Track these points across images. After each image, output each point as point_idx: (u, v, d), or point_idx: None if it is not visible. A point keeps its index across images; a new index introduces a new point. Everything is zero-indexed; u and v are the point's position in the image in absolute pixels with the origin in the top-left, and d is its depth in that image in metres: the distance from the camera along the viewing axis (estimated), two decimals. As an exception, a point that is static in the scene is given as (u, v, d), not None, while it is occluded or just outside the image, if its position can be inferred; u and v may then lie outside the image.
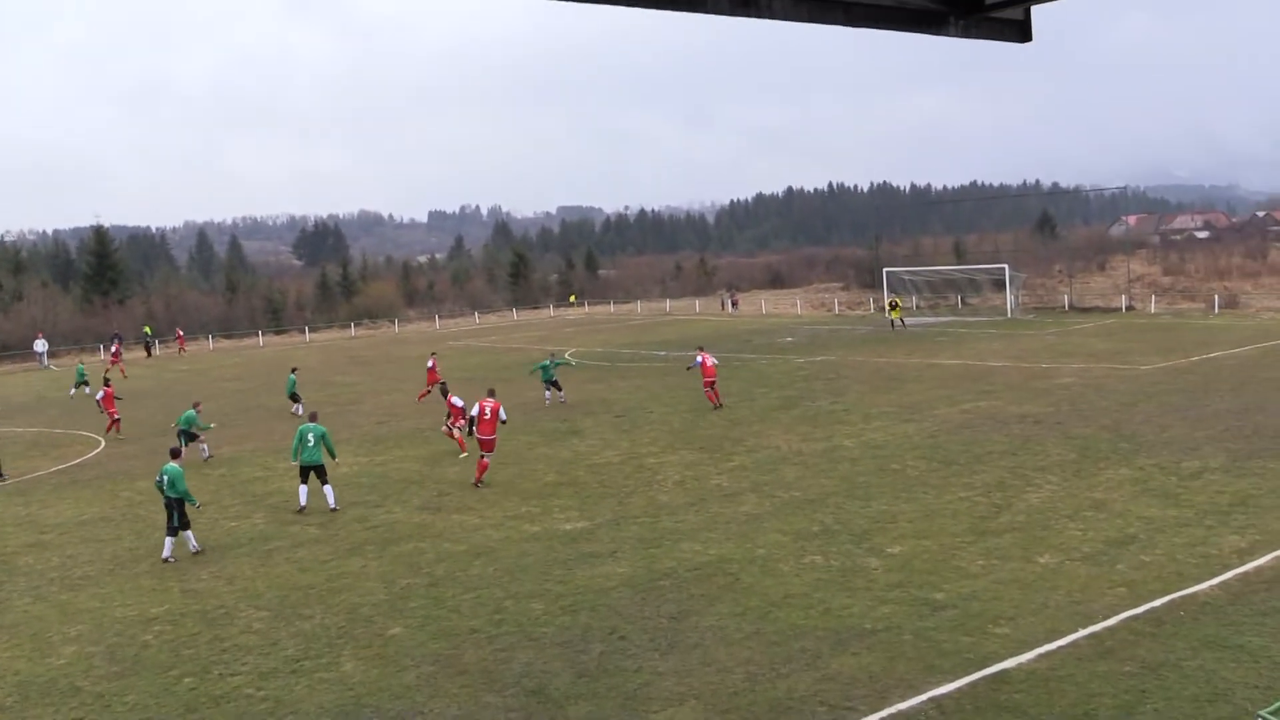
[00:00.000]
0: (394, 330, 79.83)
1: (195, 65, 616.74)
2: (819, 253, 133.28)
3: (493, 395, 21.69)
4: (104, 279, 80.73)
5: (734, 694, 10.51)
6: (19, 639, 13.57)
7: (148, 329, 68.15)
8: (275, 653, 12.45)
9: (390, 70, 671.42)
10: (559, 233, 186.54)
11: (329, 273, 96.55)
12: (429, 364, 35.92)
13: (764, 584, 13.80)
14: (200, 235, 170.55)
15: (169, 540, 16.93)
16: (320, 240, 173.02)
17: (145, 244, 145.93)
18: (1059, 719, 9.58)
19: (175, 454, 17.93)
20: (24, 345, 63.87)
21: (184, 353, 66.33)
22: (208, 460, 25.67)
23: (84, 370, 44.16)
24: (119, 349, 57.82)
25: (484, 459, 21.05)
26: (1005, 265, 61.42)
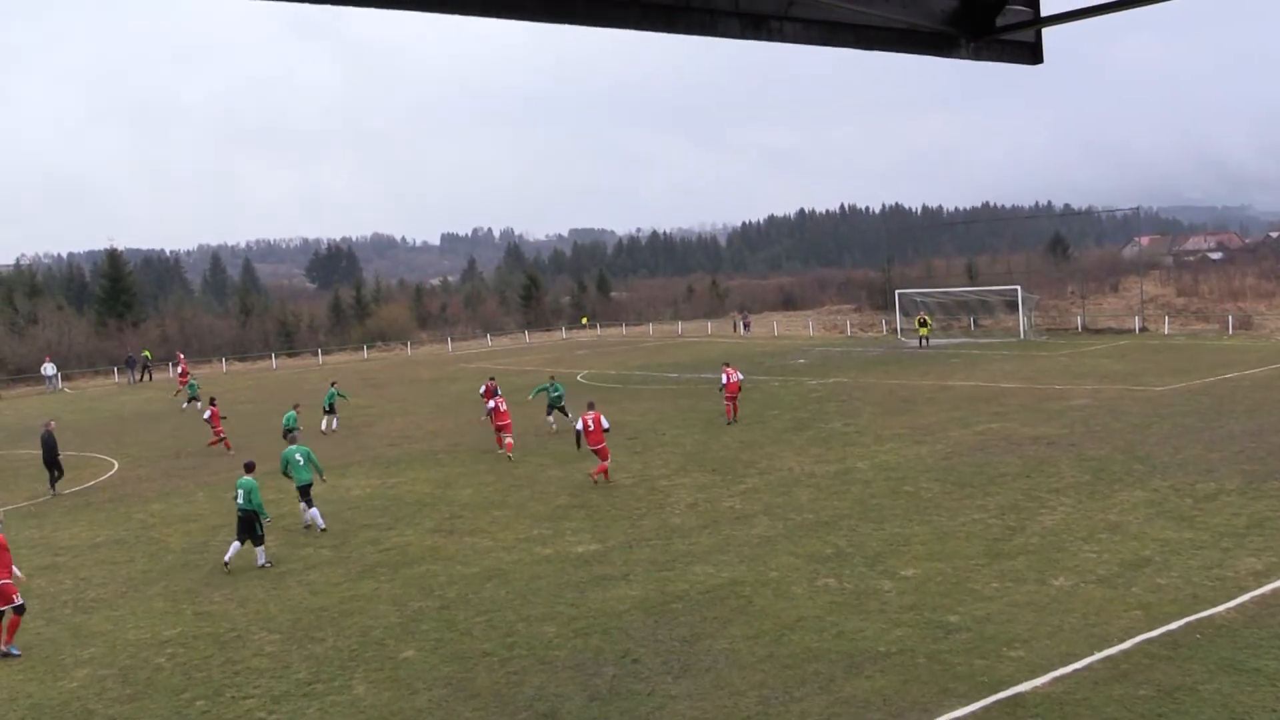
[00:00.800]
0: (407, 353, 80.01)
1: (205, 88, 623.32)
2: (831, 274, 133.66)
3: (592, 408, 23.28)
4: (118, 302, 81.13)
5: (747, 717, 10.48)
6: (32, 661, 13.61)
7: (146, 353, 68.51)
8: (287, 676, 12.45)
9: (402, 93, 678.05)
10: (571, 255, 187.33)
11: (342, 295, 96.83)
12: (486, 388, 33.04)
13: (777, 607, 13.76)
14: (214, 258, 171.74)
15: (235, 545, 17.69)
16: (333, 263, 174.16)
17: (159, 267, 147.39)
18: (1075, 743, 9.51)
19: (250, 468, 18.67)
20: (37, 368, 64.18)
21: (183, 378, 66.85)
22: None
23: (197, 385, 45.80)
24: (185, 367, 57.58)
25: (603, 464, 22.75)
26: (1018, 286, 61.28)
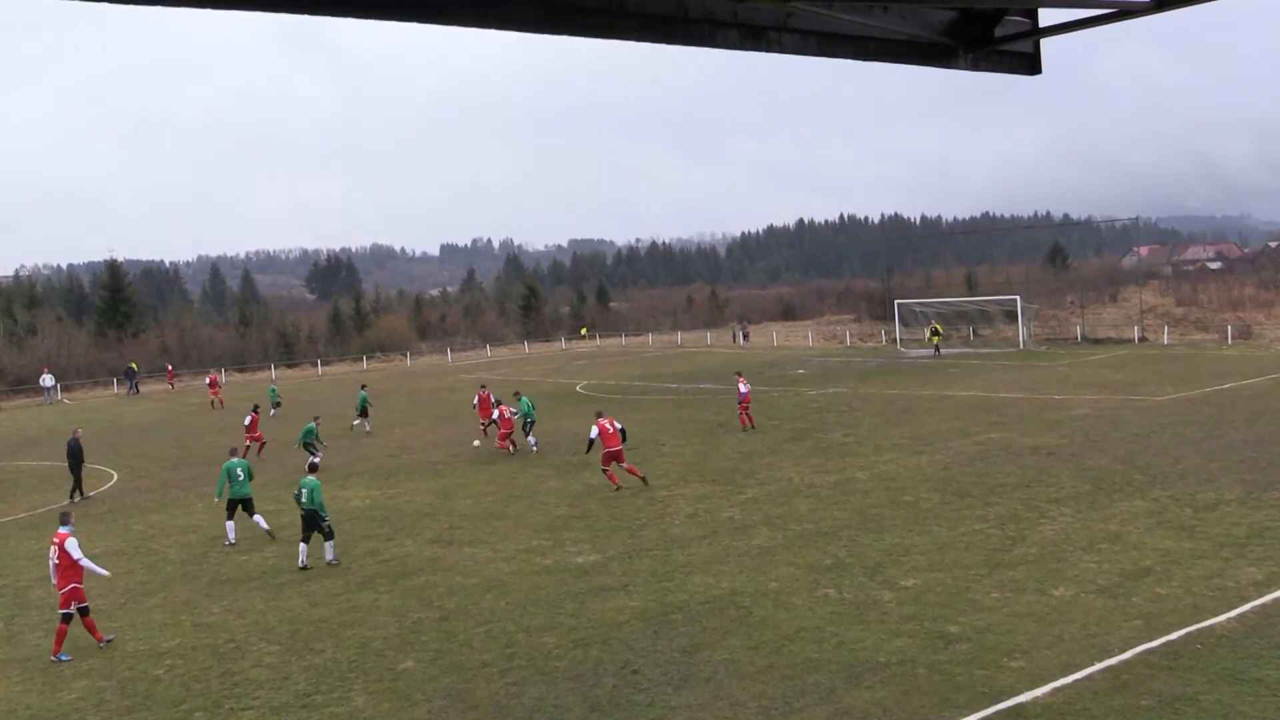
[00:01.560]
0: (406, 363, 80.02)
1: (204, 100, 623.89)
2: (830, 285, 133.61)
3: (601, 415, 23.66)
4: (118, 313, 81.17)
5: (747, 729, 10.44)
6: (30, 673, 13.58)
7: (133, 364, 68.45)
8: (286, 687, 12.42)
9: (402, 104, 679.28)
10: (570, 265, 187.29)
11: (341, 306, 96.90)
12: (481, 399, 33.13)
13: (777, 617, 13.73)
14: (213, 269, 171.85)
15: (302, 547, 17.94)
16: (333, 274, 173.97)
17: (158, 278, 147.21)
18: (1076, 754, 9.48)
19: (313, 468, 18.84)
20: (36, 380, 64.12)
21: (173, 388, 67.30)
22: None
23: (277, 390, 47.21)
24: (215, 378, 57.23)
25: (631, 466, 23.29)
26: (1017, 296, 61.25)
